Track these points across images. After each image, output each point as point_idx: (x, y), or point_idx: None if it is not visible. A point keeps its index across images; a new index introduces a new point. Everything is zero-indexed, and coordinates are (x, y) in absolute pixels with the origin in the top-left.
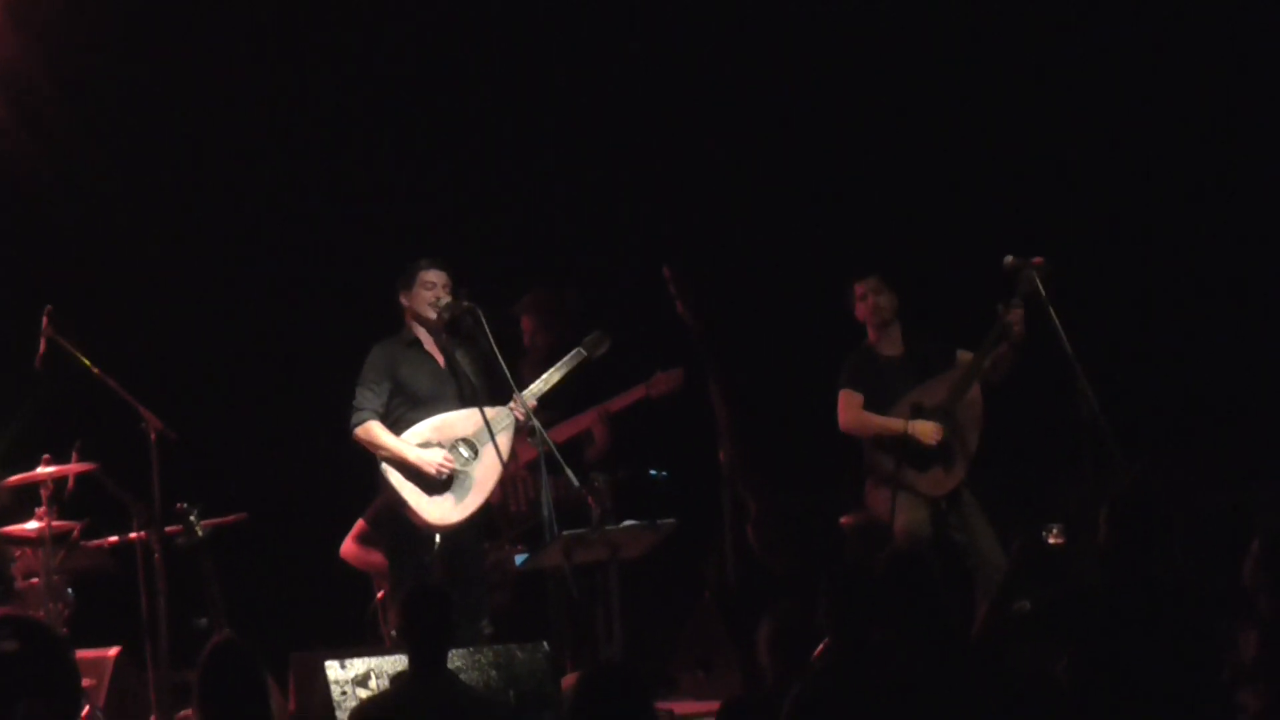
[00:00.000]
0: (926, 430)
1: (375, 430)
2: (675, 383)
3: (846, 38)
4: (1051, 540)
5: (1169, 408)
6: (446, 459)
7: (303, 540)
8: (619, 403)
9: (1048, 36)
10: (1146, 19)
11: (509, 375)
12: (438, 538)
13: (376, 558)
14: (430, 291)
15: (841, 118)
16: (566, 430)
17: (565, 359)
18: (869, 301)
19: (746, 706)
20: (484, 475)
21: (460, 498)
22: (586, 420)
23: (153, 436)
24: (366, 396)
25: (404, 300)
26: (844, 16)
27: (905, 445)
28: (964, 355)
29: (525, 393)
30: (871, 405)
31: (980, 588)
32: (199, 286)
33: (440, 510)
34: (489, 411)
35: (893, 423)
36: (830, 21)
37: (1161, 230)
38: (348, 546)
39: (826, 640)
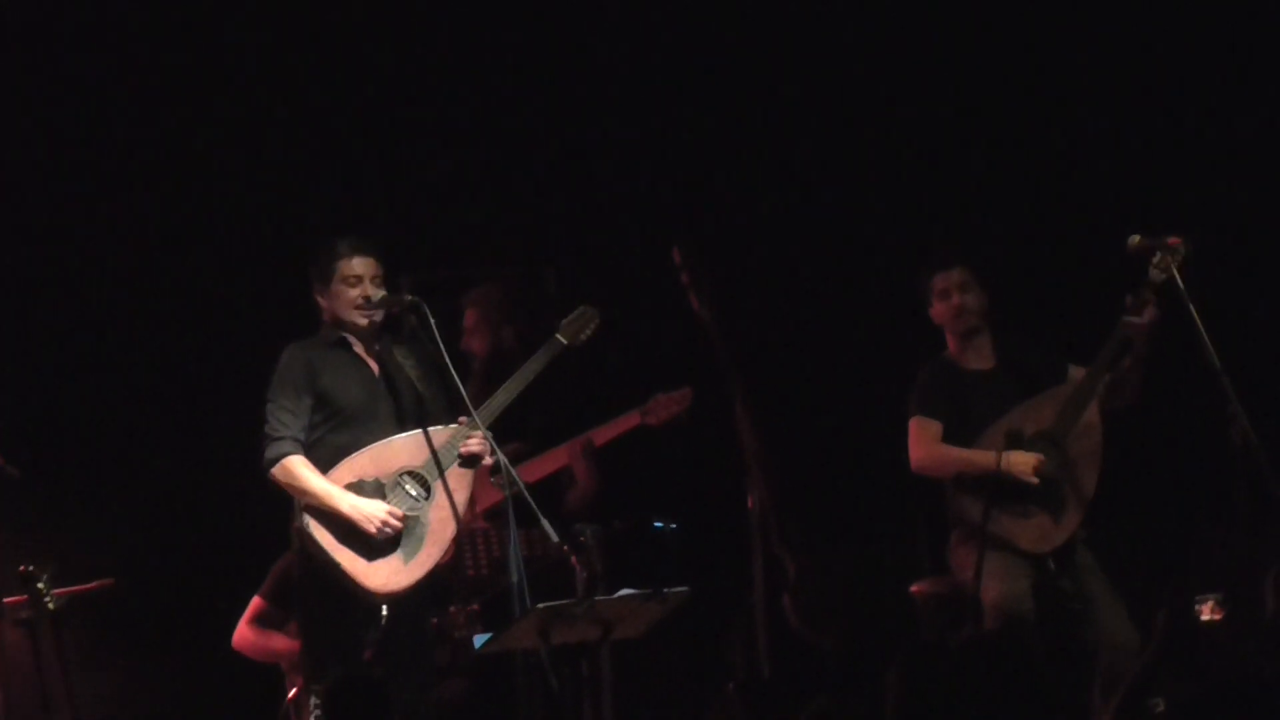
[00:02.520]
0: (1024, 464)
1: (297, 469)
2: (680, 407)
3: None
4: (1205, 616)
5: None
6: (392, 513)
7: (189, 615)
8: (606, 433)
9: None
10: None
11: (464, 391)
12: (384, 608)
13: (280, 643)
14: (355, 289)
15: (914, 53)
16: (539, 467)
17: (539, 352)
18: (952, 302)
19: None
20: (440, 520)
21: (411, 553)
22: (563, 455)
23: None
24: (283, 419)
25: (320, 299)
26: None
27: (998, 486)
28: (1077, 371)
29: (486, 406)
30: (955, 435)
31: (1101, 678)
32: (54, 275)
33: (384, 572)
34: (438, 434)
35: (980, 456)
36: None
37: None
38: (242, 633)
39: None
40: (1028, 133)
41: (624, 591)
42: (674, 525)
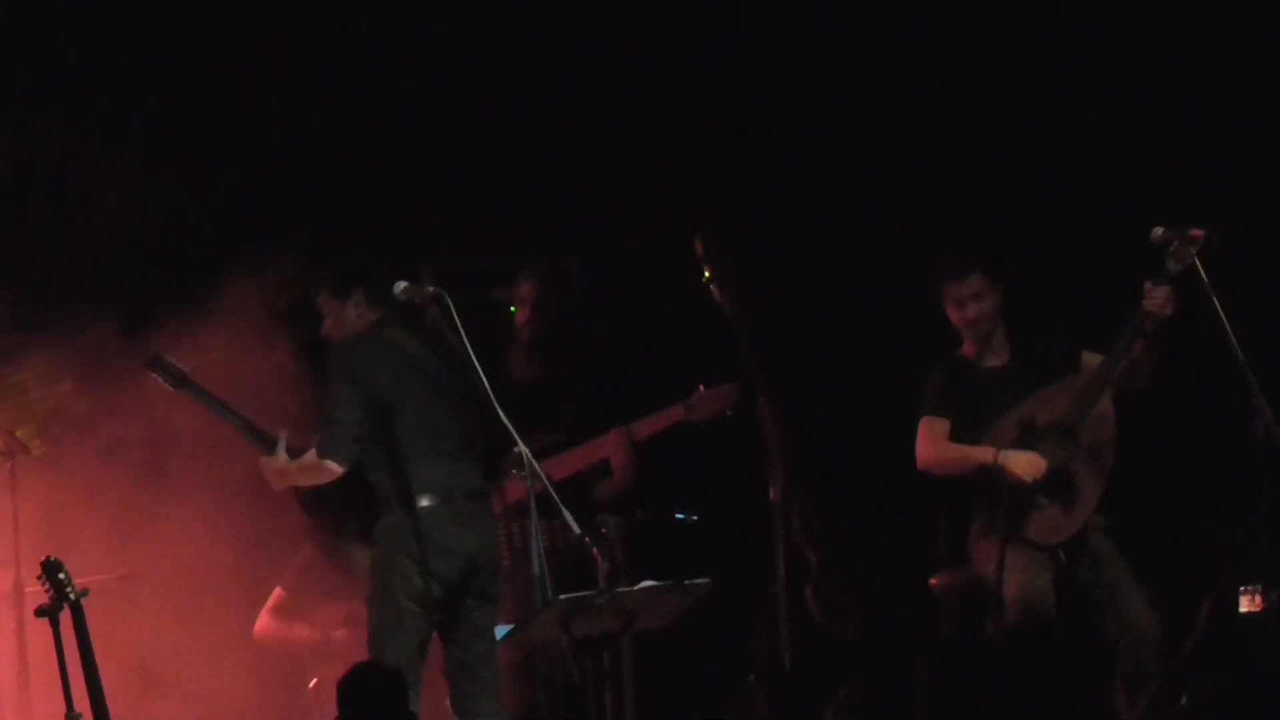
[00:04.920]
0: (1022, 464)
1: None
2: (725, 403)
3: None
4: (1245, 607)
5: None
6: None
7: (207, 604)
8: (649, 426)
9: None
10: None
11: (487, 384)
12: None
13: (302, 632)
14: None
15: (934, 41)
16: (581, 458)
17: None
18: (966, 314)
19: None
20: None
21: None
22: (605, 447)
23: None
24: None
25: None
26: None
27: (999, 482)
28: (1091, 358)
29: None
30: (968, 431)
31: (1125, 668)
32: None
33: None
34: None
35: (978, 452)
36: None
37: None
38: (264, 624)
39: None
40: (1053, 120)
41: (646, 583)
42: (695, 517)
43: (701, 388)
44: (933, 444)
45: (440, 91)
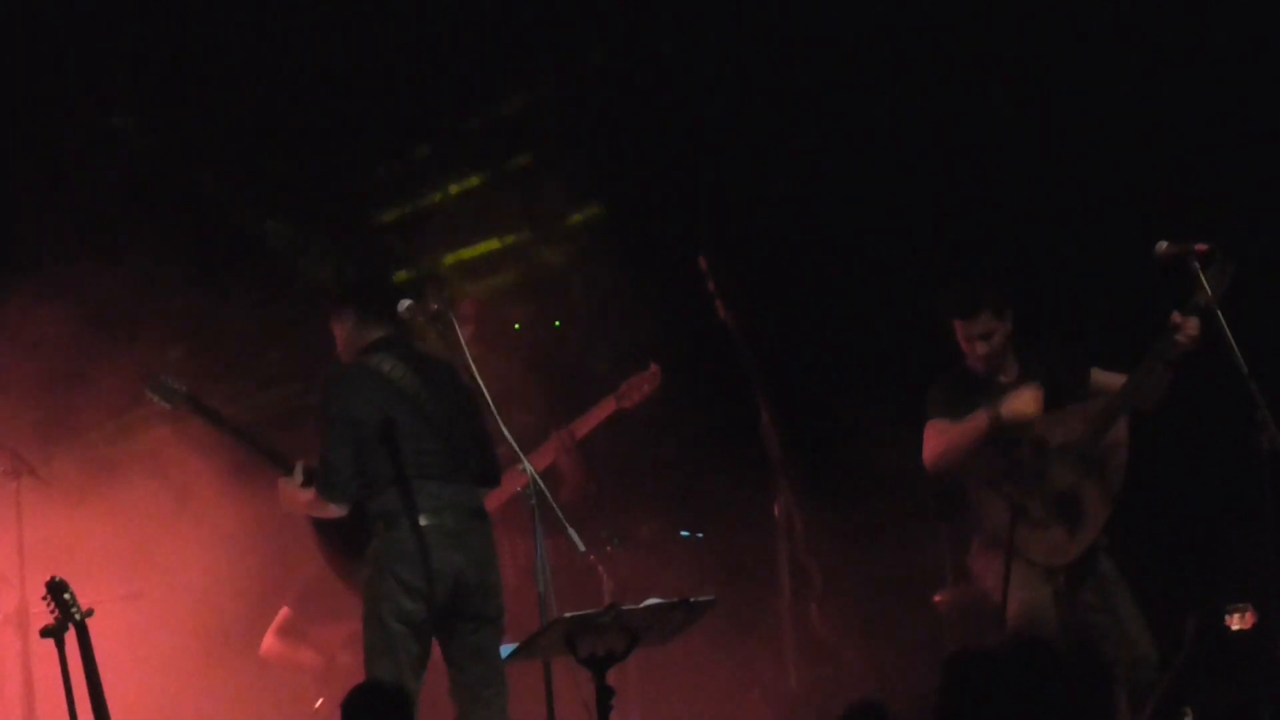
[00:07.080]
0: (1018, 405)
1: None
2: (651, 386)
3: None
4: (1236, 625)
5: None
6: None
7: (213, 622)
8: (585, 424)
9: None
10: None
11: (491, 402)
12: None
13: (307, 656)
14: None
15: (939, 60)
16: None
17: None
18: (976, 351)
19: None
20: None
21: None
22: (549, 453)
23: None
24: None
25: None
26: None
27: (1002, 442)
28: (1100, 375)
29: None
30: (980, 445)
31: (1125, 688)
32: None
33: None
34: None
35: (974, 419)
36: None
37: None
38: (269, 644)
39: None
40: (1052, 136)
41: (651, 600)
42: (700, 535)
43: (632, 375)
44: (935, 439)
45: (444, 97)
